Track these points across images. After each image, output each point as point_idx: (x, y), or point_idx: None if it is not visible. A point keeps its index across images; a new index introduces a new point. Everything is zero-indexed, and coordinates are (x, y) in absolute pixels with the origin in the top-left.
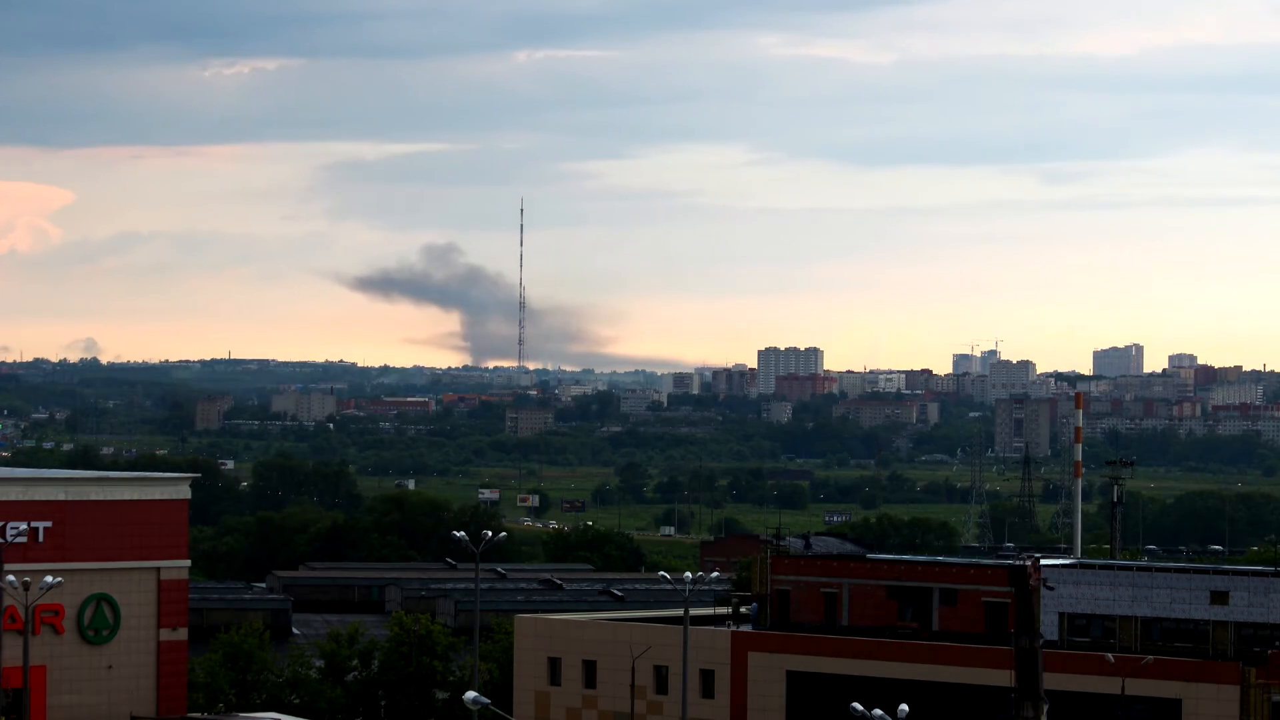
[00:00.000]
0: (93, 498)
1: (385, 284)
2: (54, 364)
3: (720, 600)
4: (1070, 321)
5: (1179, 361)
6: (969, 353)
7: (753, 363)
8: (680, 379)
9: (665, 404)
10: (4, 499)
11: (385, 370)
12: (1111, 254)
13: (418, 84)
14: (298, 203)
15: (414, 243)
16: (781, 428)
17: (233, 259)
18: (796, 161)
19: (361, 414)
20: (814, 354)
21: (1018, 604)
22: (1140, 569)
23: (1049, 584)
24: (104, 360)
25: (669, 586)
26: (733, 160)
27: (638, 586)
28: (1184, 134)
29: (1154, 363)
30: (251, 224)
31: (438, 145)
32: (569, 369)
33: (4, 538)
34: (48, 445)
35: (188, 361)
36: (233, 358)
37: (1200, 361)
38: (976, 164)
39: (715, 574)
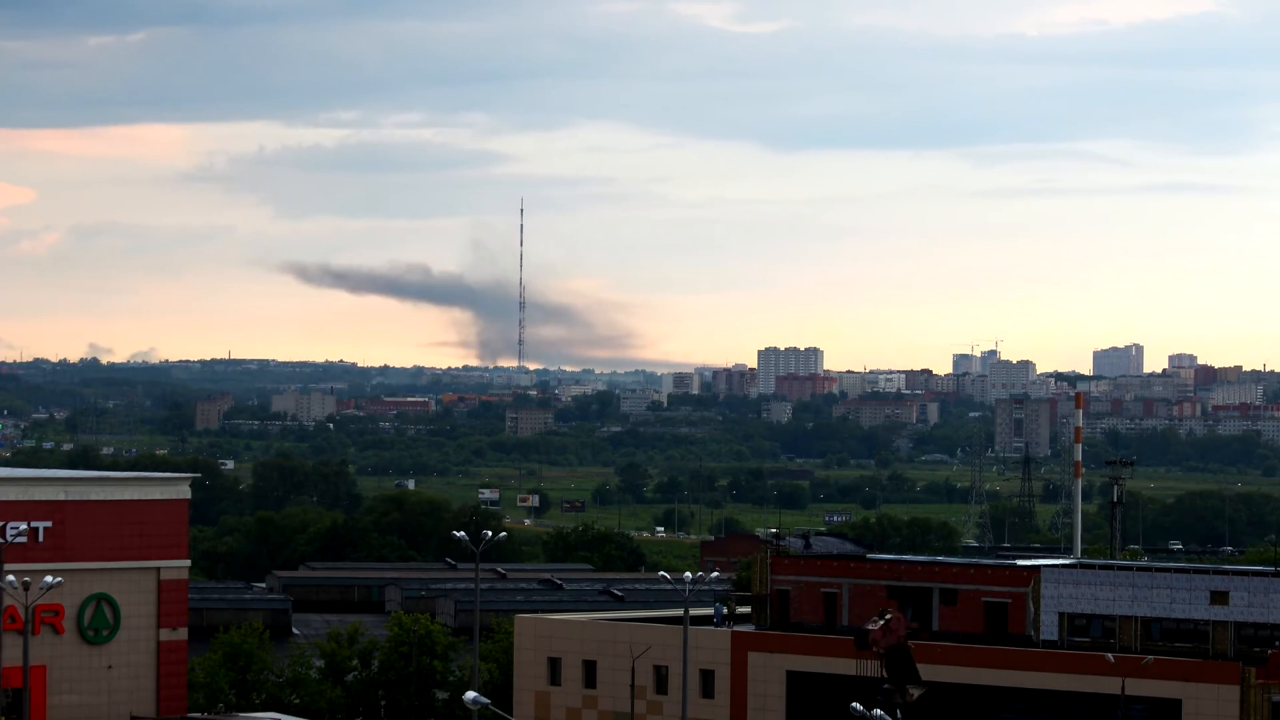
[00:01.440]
0: (93, 498)
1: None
2: (54, 364)
3: (720, 600)
4: (1070, 321)
5: (1179, 361)
6: (969, 353)
7: (753, 363)
8: (680, 379)
9: (665, 404)
10: (4, 499)
11: (385, 370)
12: (1112, 253)
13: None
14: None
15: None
16: (781, 428)
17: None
18: (708, 143)
19: (361, 414)
20: (814, 354)
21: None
22: (1140, 569)
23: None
24: (104, 360)
25: (669, 586)
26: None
27: (638, 586)
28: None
29: (1154, 363)
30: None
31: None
32: (569, 369)
33: (4, 538)
34: (48, 445)
35: (188, 361)
36: (233, 358)
37: (1200, 361)
38: (902, 147)
39: (715, 574)
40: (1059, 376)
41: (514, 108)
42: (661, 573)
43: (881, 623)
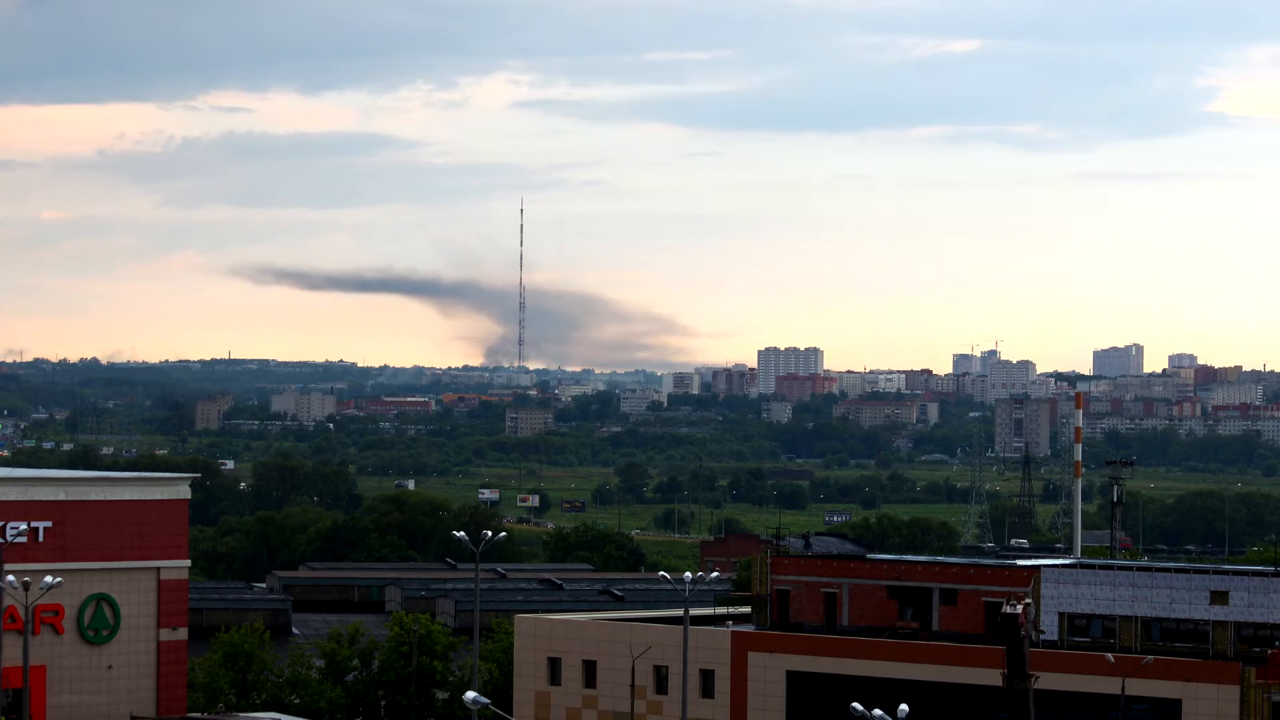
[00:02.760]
0: (93, 498)
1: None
2: (54, 364)
3: (720, 600)
4: (1070, 321)
5: (1179, 361)
6: (969, 353)
7: (753, 363)
8: (680, 379)
9: (665, 404)
10: (4, 499)
11: (385, 370)
12: (1112, 254)
13: None
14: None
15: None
16: (781, 428)
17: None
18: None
19: (361, 414)
20: (814, 354)
21: (1009, 651)
22: (1140, 569)
23: (1040, 629)
24: (103, 360)
25: (669, 586)
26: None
27: (638, 586)
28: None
29: (1154, 363)
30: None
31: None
32: (569, 368)
33: (4, 538)
34: (48, 445)
35: (188, 361)
36: (233, 358)
37: (1200, 361)
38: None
39: (715, 574)
40: (1059, 376)
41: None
42: (661, 573)
43: (1021, 606)
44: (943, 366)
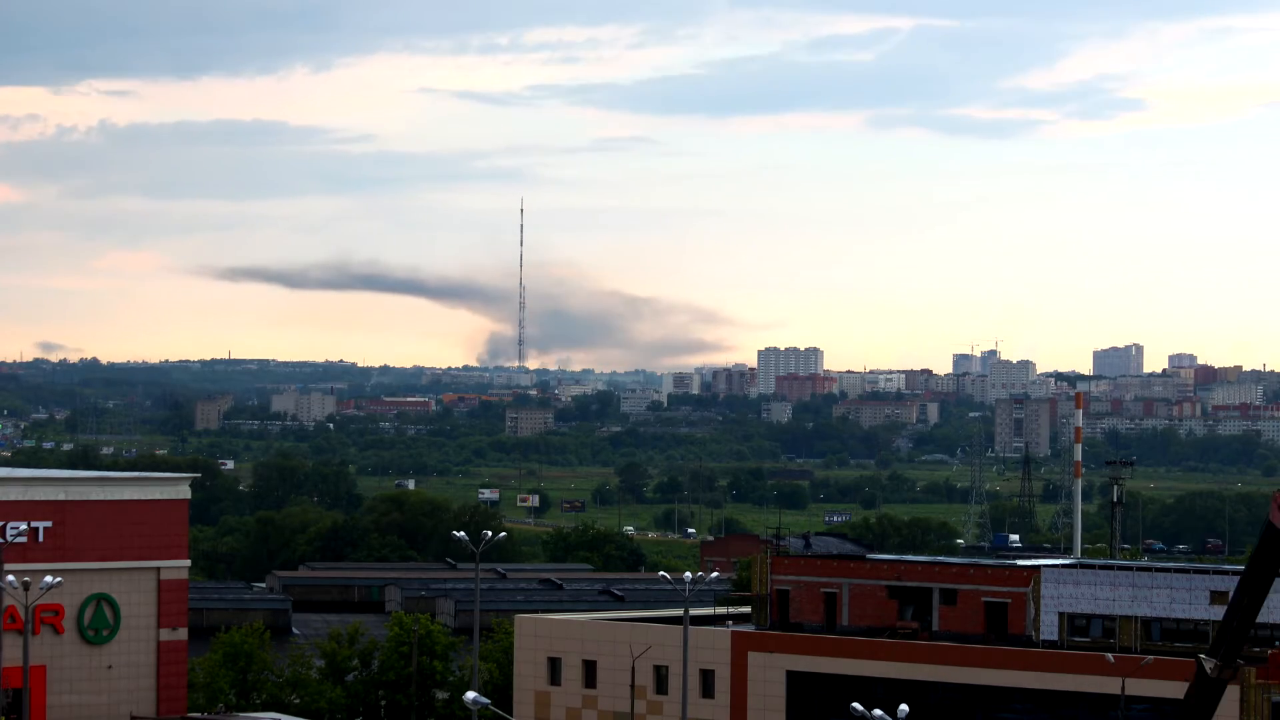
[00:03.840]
0: (93, 498)
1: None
2: (54, 364)
3: (720, 600)
4: (1070, 321)
5: (1179, 361)
6: (969, 353)
7: (753, 363)
8: (680, 379)
9: (665, 404)
10: (4, 499)
11: (385, 370)
12: (1112, 253)
13: None
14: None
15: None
16: (781, 428)
17: None
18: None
19: (361, 414)
20: (814, 354)
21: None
22: (1140, 569)
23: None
24: (104, 360)
25: (669, 586)
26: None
27: (638, 586)
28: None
29: (1154, 363)
30: None
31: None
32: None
33: (4, 538)
34: (48, 445)
35: (188, 361)
36: (233, 358)
37: (1200, 361)
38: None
39: (715, 574)
40: (1059, 376)
41: None
42: (661, 573)
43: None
44: (943, 366)
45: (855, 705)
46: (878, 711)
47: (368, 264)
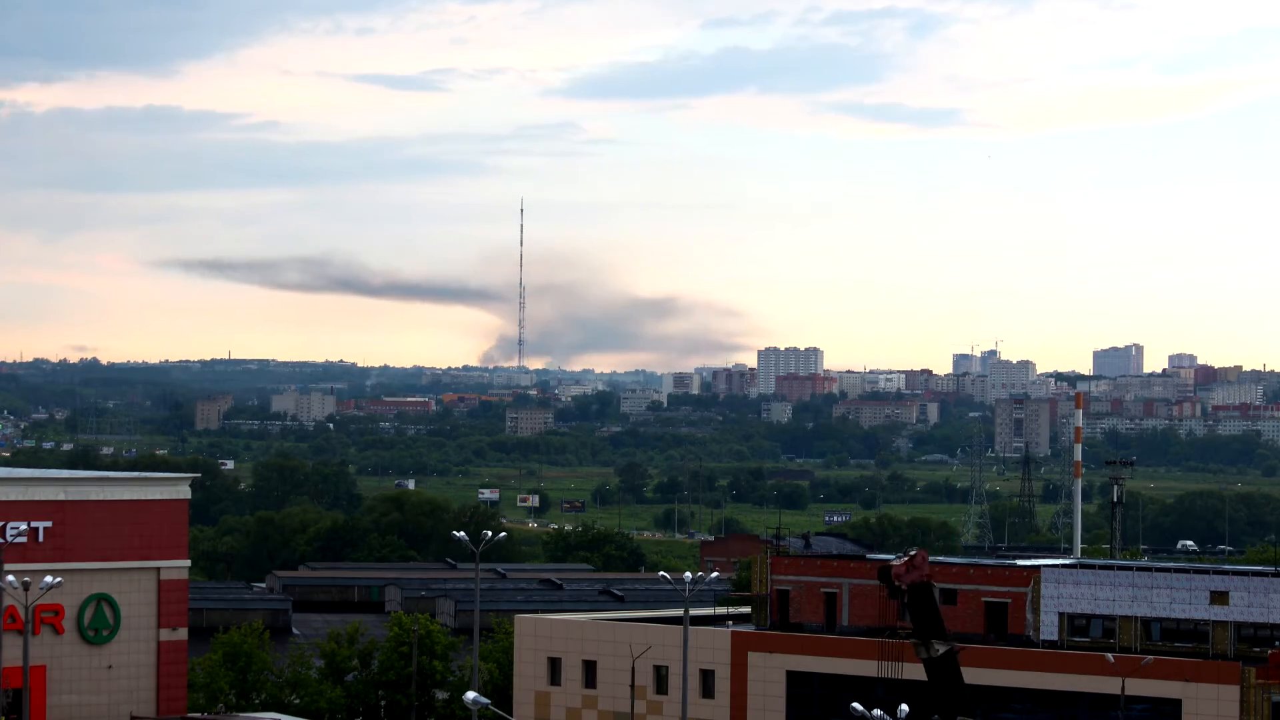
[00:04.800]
0: (93, 498)
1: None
2: (54, 364)
3: (720, 600)
4: (1070, 321)
5: (1179, 361)
6: (969, 353)
7: (753, 363)
8: (680, 379)
9: (665, 404)
10: (4, 499)
11: (385, 370)
12: (1112, 253)
13: None
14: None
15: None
16: (781, 428)
17: None
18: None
19: (361, 414)
20: (814, 354)
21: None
22: (1140, 569)
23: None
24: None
25: (669, 586)
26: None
27: (638, 586)
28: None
29: (1154, 363)
30: None
31: None
32: (569, 368)
33: (4, 538)
34: (48, 445)
35: (188, 361)
36: (233, 358)
37: (1200, 361)
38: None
39: (715, 574)
40: (1059, 376)
41: None
42: (661, 573)
43: (905, 558)
44: (943, 366)
45: (855, 705)
46: (878, 711)
47: (345, 264)
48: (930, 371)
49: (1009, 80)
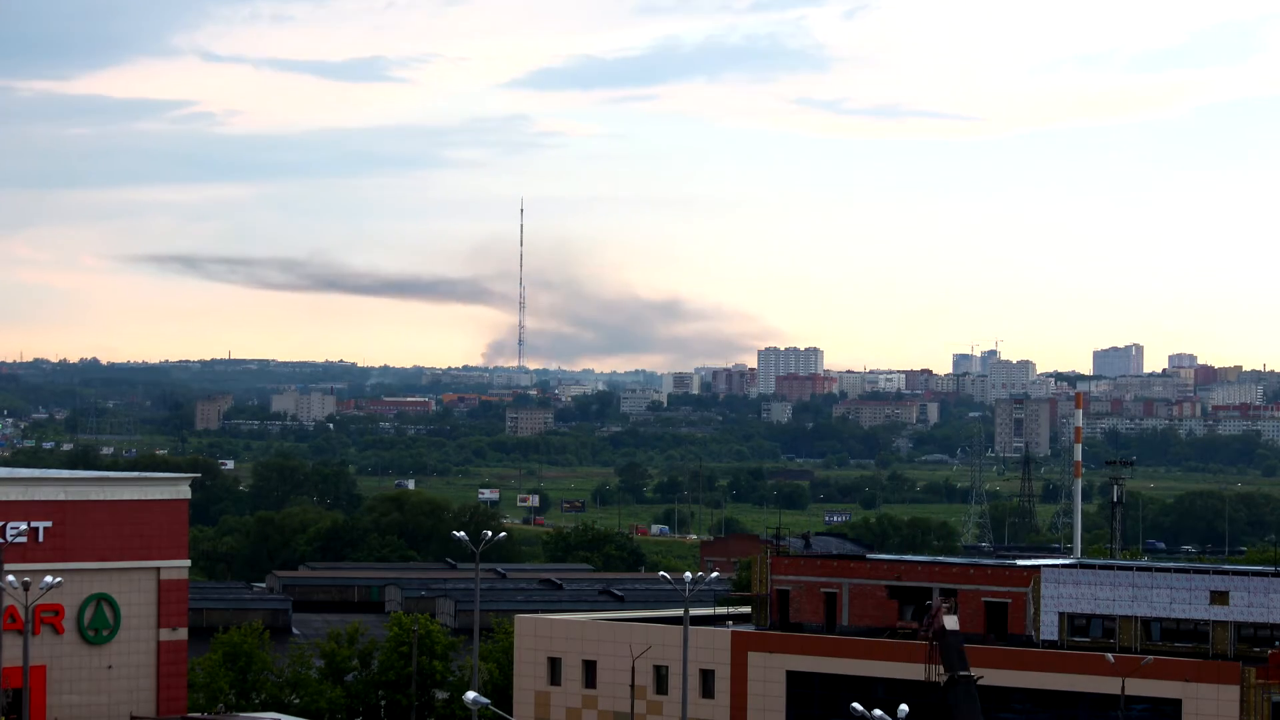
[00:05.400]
0: (93, 498)
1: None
2: (54, 364)
3: (720, 600)
4: (1070, 321)
5: (1179, 361)
6: (969, 353)
7: (753, 363)
8: (680, 379)
9: (665, 404)
10: (4, 499)
11: (385, 370)
12: (1112, 253)
13: None
14: None
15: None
16: (781, 428)
17: None
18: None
19: (361, 414)
20: (814, 354)
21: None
22: (1140, 569)
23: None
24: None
25: (669, 586)
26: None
27: (638, 586)
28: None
29: (1154, 363)
30: None
31: None
32: (569, 369)
33: (4, 538)
34: (48, 445)
35: (188, 361)
36: (232, 358)
37: (1200, 361)
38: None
39: (715, 574)
40: (1059, 376)
41: None
42: (661, 573)
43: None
44: (943, 366)
45: (855, 705)
46: (878, 711)
47: (325, 262)
48: (930, 371)
49: (1008, 77)
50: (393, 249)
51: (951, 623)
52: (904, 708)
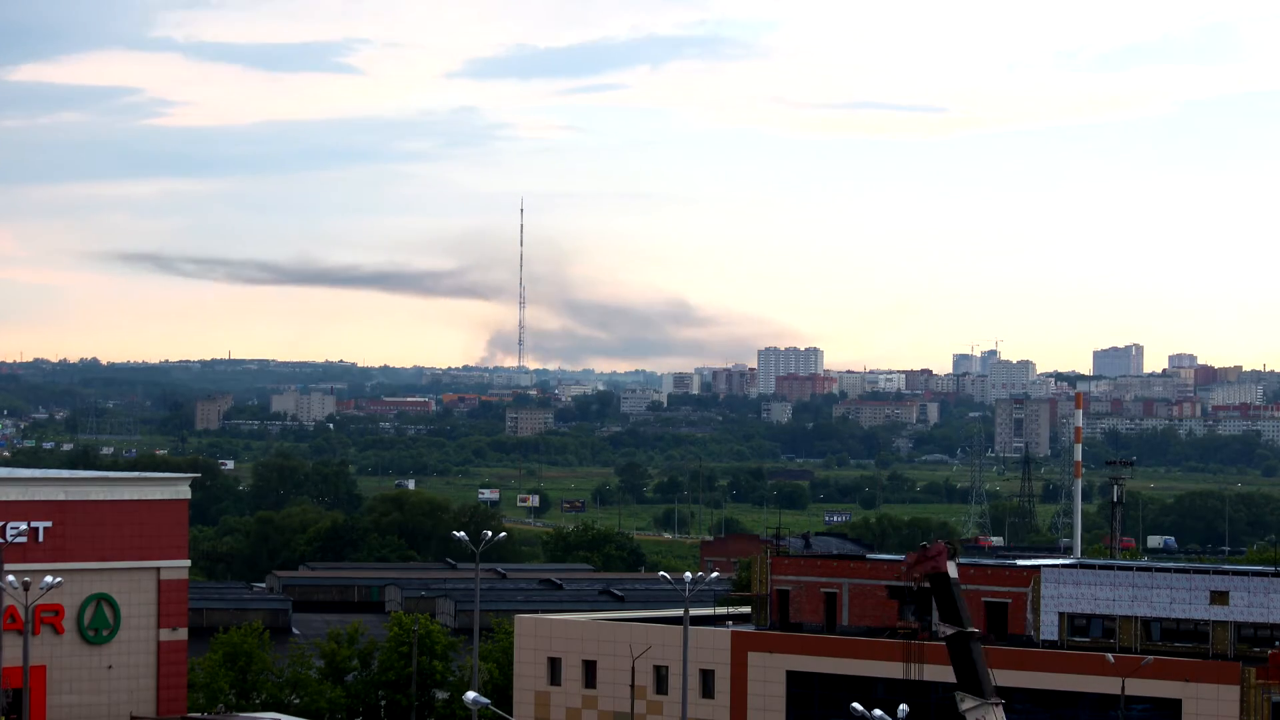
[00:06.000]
0: (93, 498)
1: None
2: (54, 364)
3: (720, 600)
4: (1070, 321)
5: (1179, 361)
6: (969, 353)
7: (753, 363)
8: (680, 379)
9: (665, 404)
10: (4, 499)
11: (385, 370)
12: (1112, 253)
13: None
14: None
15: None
16: (781, 428)
17: None
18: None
19: (361, 414)
20: (814, 354)
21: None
22: (1140, 569)
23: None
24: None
25: (669, 586)
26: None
27: (638, 586)
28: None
29: (1154, 363)
30: None
31: None
32: (569, 369)
33: (4, 538)
34: (48, 445)
35: (188, 361)
36: (233, 358)
37: (1200, 361)
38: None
39: (715, 574)
40: (1059, 376)
41: None
42: (661, 573)
43: (917, 553)
44: (943, 366)
45: (855, 705)
46: (878, 712)
47: (301, 256)
48: (930, 371)
49: (1008, 75)
50: (365, 244)
51: (954, 570)
52: (904, 708)
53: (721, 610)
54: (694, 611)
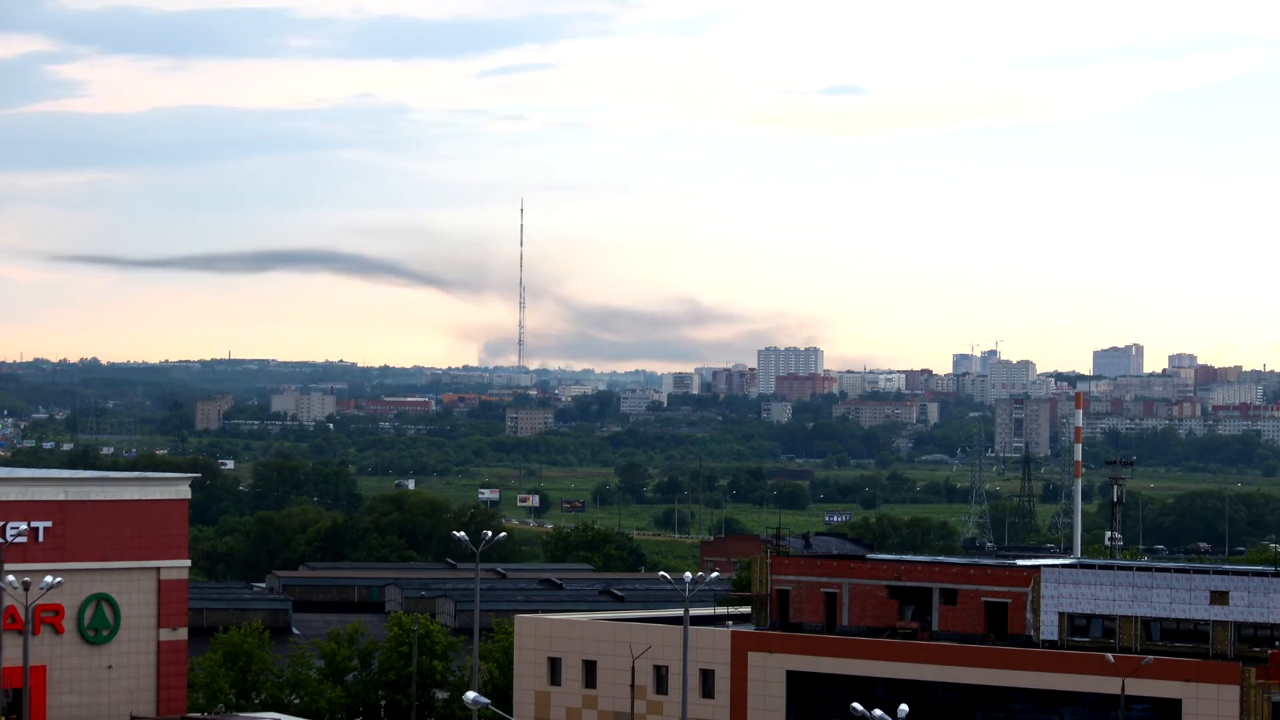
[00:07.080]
0: (93, 498)
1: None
2: (54, 364)
3: (720, 600)
4: (1070, 321)
5: (1179, 361)
6: (969, 353)
7: (753, 363)
8: (680, 379)
9: (665, 404)
10: (4, 499)
11: (385, 370)
12: (1112, 253)
13: None
14: None
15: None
16: (781, 428)
17: None
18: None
19: (361, 414)
20: (814, 354)
21: None
22: (1140, 569)
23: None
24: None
25: (669, 586)
26: None
27: (638, 586)
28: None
29: (1154, 363)
30: None
31: None
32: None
33: (4, 538)
34: (48, 445)
35: (188, 361)
36: (233, 358)
37: (1200, 361)
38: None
39: (715, 574)
40: (1059, 376)
41: None
42: (661, 573)
43: None
44: (943, 366)
45: (855, 705)
46: (878, 711)
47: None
48: (930, 371)
49: (1009, 74)
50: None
51: None
52: (904, 708)
53: (721, 610)
54: (694, 611)
